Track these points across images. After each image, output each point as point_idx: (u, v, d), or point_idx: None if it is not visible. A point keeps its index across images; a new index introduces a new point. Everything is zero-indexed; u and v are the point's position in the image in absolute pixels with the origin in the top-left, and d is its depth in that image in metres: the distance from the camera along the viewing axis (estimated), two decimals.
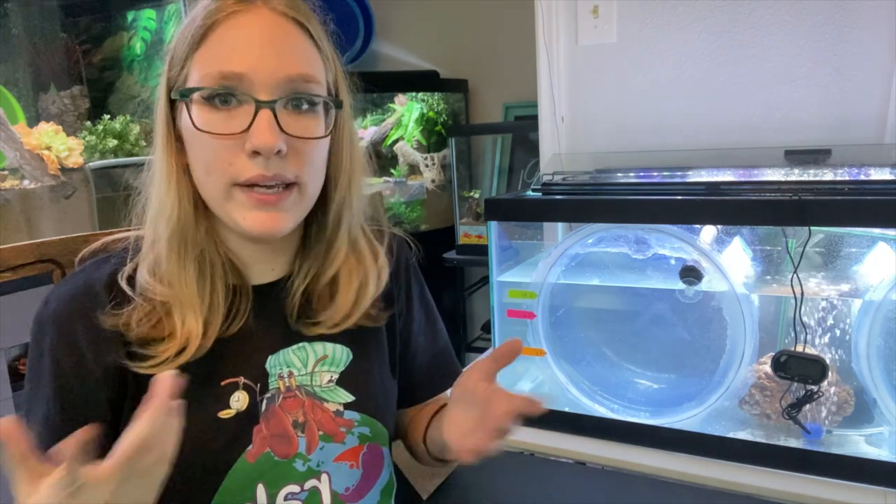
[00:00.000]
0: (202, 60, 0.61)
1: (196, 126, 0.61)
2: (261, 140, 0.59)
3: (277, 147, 0.60)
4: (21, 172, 1.56)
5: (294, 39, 0.63)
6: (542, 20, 1.53)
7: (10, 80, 1.84)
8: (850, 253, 1.05)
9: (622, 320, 1.27)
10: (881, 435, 1.02)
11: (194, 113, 0.62)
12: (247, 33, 0.61)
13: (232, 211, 0.63)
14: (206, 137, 0.61)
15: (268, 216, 0.63)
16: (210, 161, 0.62)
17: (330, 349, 0.73)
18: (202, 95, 0.61)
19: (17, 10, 1.88)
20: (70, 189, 1.60)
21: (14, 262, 0.77)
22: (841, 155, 1.26)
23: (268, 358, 0.70)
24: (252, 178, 0.61)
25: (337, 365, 0.73)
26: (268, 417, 0.68)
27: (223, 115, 0.61)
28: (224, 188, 0.62)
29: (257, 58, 0.60)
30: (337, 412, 0.72)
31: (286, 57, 0.62)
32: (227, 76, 0.60)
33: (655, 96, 1.47)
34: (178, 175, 0.65)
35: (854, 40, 1.28)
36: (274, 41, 0.61)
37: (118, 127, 1.87)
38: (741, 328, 1.04)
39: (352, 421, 0.72)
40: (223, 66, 0.60)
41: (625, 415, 1.14)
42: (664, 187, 1.15)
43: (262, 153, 0.60)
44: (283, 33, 0.62)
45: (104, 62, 2.16)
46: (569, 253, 1.19)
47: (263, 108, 0.60)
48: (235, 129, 0.60)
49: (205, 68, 0.61)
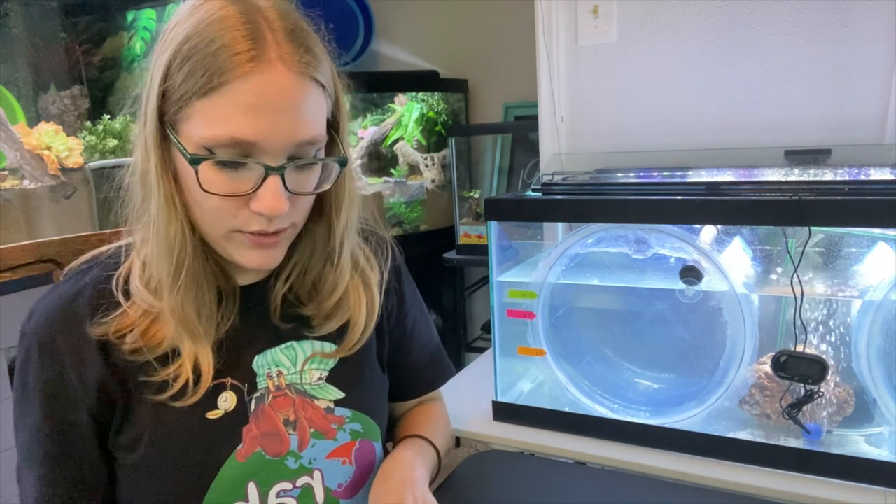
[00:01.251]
0: (211, 116, 0.59)
1: (202, 186, 0.60)
2: (268, 206, 0.60)
3: (285, 211, 0.62)
4: (21, 172, 1.56)
5: (306, 101, 0.61)
6: (542, 20, 1.53)
7: (10, 80, 1.84)
8: (850, 253, 1.05)
9: (622, 320, 1.27)
10: (881, 435, 1.02)
11: (201, 169, 0.60)
12: (261, 100, 0.58)
13: (230, 250, 0.65)
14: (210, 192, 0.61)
15: (265, 254, 0.65)
16: (213, 212, 0.63)
17: (318, 347, 0.75)
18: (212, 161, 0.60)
19: (17, 10, 1.88)
20: (70, 189, 1.60)
21: (14, 262, 0.77)
22: (841, 155, 1.26)
23: (255, 358, 0.71)
24: (256, 233, 0.63)
25: (326, 363, 0.75)
26: (258, 417, 0.69)
27: (230, 173, 0.61)
28: (224, 231, 0.64)
29: (271, 126, 0.59)
30: (328, 409, 0.73)
31: (298, 123, 0.61)
32: (239, 143, 0.59)
33: (655, 96, 1.47)
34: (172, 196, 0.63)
35: (854, 40, 1.28)
36: (287, 108, 0.59)
37: (118, 127, 1.87)
38: (741, 328, 1.04)
39: (343, 417, 0.73)
40: (235, 132, 0.58)
41: (625, 415, 1.14)
42: (664, 187, 1.15)
43: (268, 217, 0.62)
44: (297, 98, 0.60)
45: (104, 62, 2.16)
46: (569, 253, 1.19)
47: (273, 174, 0.60)
48: (242, 190, 0.61)
49: (213, 128, 0.58)
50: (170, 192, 0.63)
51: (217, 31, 0.58)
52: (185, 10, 0.62)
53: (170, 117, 0.61)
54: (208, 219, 0.64)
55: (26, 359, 0.66)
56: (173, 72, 0.60)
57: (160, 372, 0.65)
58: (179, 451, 0.66)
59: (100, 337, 0.65)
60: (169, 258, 0.64)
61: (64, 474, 0.65)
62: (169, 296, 0.64)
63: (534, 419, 1.17)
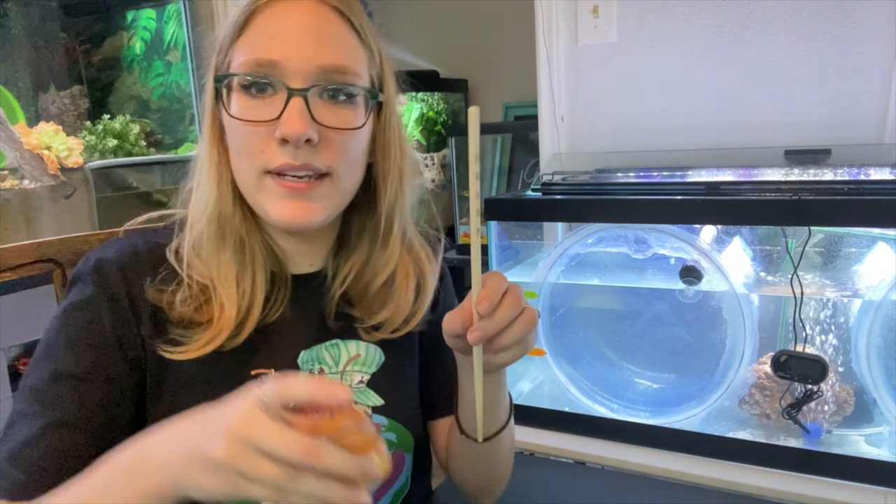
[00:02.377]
0: (242, 47, 0.61)
1: (230, 113, 0.61)
2: (289, 128, 0.58)
3: (306, 135, 0.59)
4: (21, 172, 1.56)
5: (334, 29, 0.62)
6: (542, 20, 1.53)
7: (10, 79, 1.84)
8: (850, 253, 1.05)
9: (622, 320, 1.27)
10: (881, 435, 1.02)
11: (232, 100, 0.62)
12: (285, 21, 0.60)
13: (262, 201, 0.62)
14: (240, 124, 0.61)
15: (298, 205, 0.61)
16: (242, 147, 0.62)
17: (363, 348, 0.71)
18: (239, 82, 0.61)
19: (17, 10, 1.88)
20: (70, 189, 1.60)
21: (14, 262, 0.77)
22: (841, 155, 1.26)
23: (301, 353, 0.68)
24: (280, 167, 0.60)
25: (369, 366, 0.71)
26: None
27: (258, 102, 0.60)
28: (255, 176, 0.61)
29: (293, 45, 0.59)
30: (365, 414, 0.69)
31: (323, 46, 0.60)
32: (262, 63, 0.59)
33: (655, 96, 1.47)
34: (220, 162, 0.64)
35: (854, 40, 1.28)
36: (311, 29, 0.60)
37: (118, 127, 1.87)
38: (741, 328, 1.04)
39: (379, 425, 0.70)
40: (259, 53, 0.60)
41: (625, 415, 1.14)
42: (664, 187, 1.15)
43: (290, 141, 0.59)
44: (324, 22, 0.61)
45: (104, 62, 2.16)
46: (569, 253, 1.19)
47: (295, 95, 0.59)
48: (267, 116, 0.59)
49: (242, 55, 0.61)
50: (215, 151, 0.64)
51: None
52: None
53: (218, 76, 0.63)
54: (241, 163, 0.62)
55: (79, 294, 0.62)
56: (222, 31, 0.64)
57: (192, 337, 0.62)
58: None
59: (156, 302, 0.62)
60: (210, 217, 0.64)
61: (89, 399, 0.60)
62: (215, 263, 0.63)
63: (534, 419, 1.17)
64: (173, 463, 0.45)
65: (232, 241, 0.64)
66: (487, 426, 0.67)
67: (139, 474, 0.46)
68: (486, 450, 0.70)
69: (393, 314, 0.70)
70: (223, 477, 0.42)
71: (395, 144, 0.68)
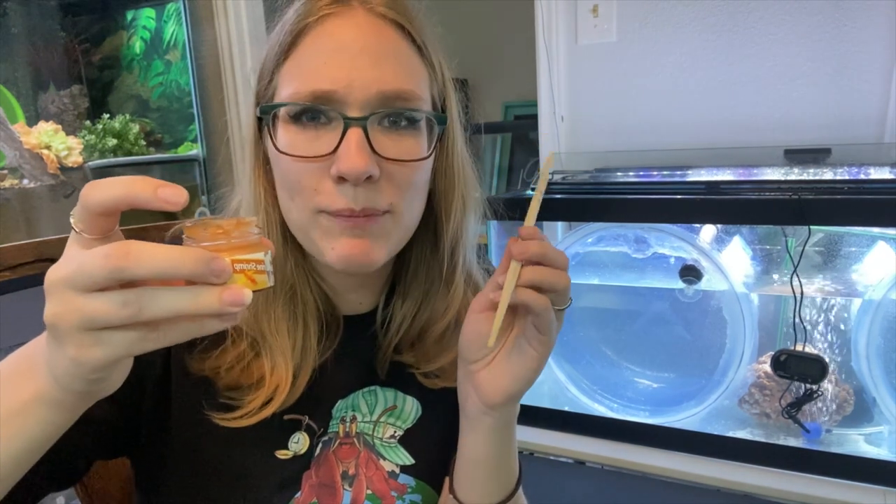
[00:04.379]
0: (290, 74, 0.54)
1: (277, 147, 0.53)
2: (348, 164, 0.50)
3: (368, 172, 0.51)
4: (20, 172, 1.56)
5: (393, 47, 0.54)
6: (542, 20, 1.53)
7: (9, 79, 1.83)
8: (850, 252, 1.05)
9: (622, 320, 1.27)
10: (881, 434, 1.02)
11: (279, 132, 0.54)
12: (339, 43, 0.52)
13: (317, 239, 0.54)
14: (290, 160, 0.53)
15: (357, 244, 0.53)
16: (293, 186, 0.54)
17: (401, 400, 0.65)
18: (287, 112, 0.53)
19: (17, 9, 1.88)
20: (69, 188, 1.60)
21: (13, 262, 0.77)
22: (841, 154, 1.26)
23: (337, 402, 0.63)
24: (340, 211, 0.52)
25: (404, 420, 0.65)
26: (319, 463, 0.61)
27: (310, 135, 0.52)
28: (309, 215, 0.54)
29: (349, 71, 0.52)
30: (392, 473, 0.63)
31: (382, 69, 0.53)
32: (318, 95, 0.52)
33: (655, 96, 1.47)
34: (266, 202, 0.57)
35: (854, 40, 1.28)
36: (369, 49, 0.53)
37: (118, 126, 1.87)
38: (741, 327, 1.04)
39: (406, 486, 0.64)
40: (311, 83, 0.52)
41: (624, 414, 1.14)
42: (664, 187, 1.15)
43: (349, 179, 0.51)
44: (381, 40, 0.54)
45: (104, 61, 2.16)
46: (569, 252, 1.19)
47: (353, 126, 0.51)
48: (321, 150, 0.52)
49: (292, 84, 0.53)
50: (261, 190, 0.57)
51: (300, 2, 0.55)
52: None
53: (264, 107, 0.56)
54: (291, 203, 0.55)
55: None
56: (266, 53, 0.57)
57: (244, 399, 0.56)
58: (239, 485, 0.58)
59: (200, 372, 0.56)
60: None
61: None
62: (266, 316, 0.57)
63: (534, 418, 1.17)
64: (45, 354, 0.37)
65: (283, 292, 0.58)
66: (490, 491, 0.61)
67: (24, 379, 0.39)
68: None
69: (451, 362, 0.62)
70: (69, 340, 0.35)
71: (458, 171, 0.60)
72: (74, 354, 0.35)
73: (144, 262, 0.33)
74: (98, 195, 0.34)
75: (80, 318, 0.34)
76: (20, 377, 0.39)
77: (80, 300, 0.33)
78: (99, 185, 0.34)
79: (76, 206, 0.35)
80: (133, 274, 0.33)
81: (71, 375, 0.36)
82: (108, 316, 0.33)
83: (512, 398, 0.55)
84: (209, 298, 0.34)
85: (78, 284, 0.33)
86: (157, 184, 0.34)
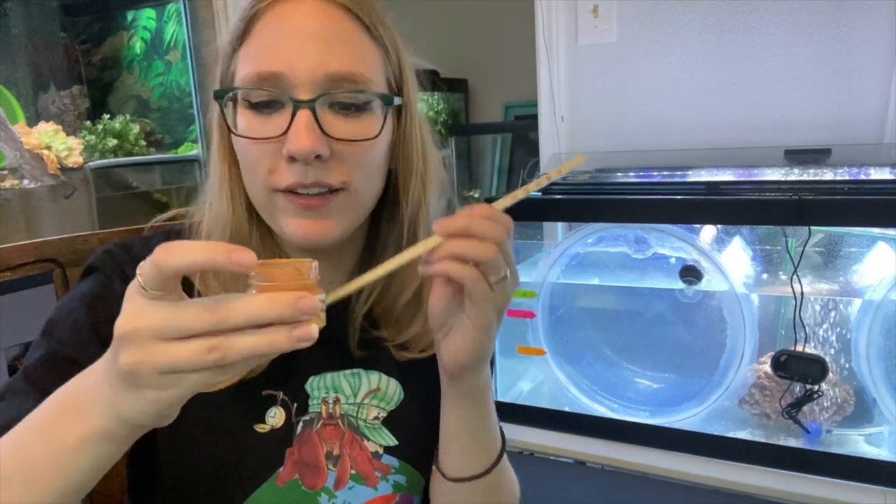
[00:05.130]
0: (244, 58, 0.57)
1: (234, 130, 0.57)
2: (297, 144, 0.53)
3: (315, 152, 0.54)
4: (21, 172, 1.56)
5: (342, 30, 0.57)
6: (542, 20, 1.53)
7: (10, 79, 1.84)
8: (850, 253, 1.05)
9: (622, 320, 1.27)
10: (881, 434, 1.02)
11: (237, 116, 0.57)
12: (288, 25, 0.55)
13: (276, 217, 0.58)
14: (246, 142, 0.57)
15: (312, 223, 0.57)
16: (250, 166, 0.58)
17: (384, 383, 0.67)
18: (242, 96, 0.56)
19: (17, 9, 1.88)
20: (70, 189, 1.60)
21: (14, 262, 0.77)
22: (841, 155, 1.26)
23: (309, 378, 0.64)
24: (290, 186, 0.55)
25: (387, 402, 0.67)
26: (302, 442, 0.63)
27: (263, 118, 0.56)
28: (266, 194, 0.58)
29: (297, 53, 0.54)
30: (375, 454, 0.65)
31: (331, 52, 0.55)
32: (264, 76, 0.55)
33: (655, 96, 1.47)
34: (232, 180, 0.61)
35: (854, 40, 1.28)
36: (317, 33, 0.55)
37: (118, 126, 1.87)
38: (741, 327, 1.04)
39: (389, 467, 0.66)
40: (260, 65, 0.55)
41: (625, 414, 1.14)
42: (664, 187, 1.15)
43: (299, 159, 0.54)
44: (330, 23, 0.56)
45: (104, 62, 2.16)
46: (569, 252, 1.19)
47: (302, 108, 0.54)
48: (273, 132, 0.55)
49: (245, 67, 0.56)
50: (226, 168, 0.61)
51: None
52: None
53: (217, 91, 0.59)
54: (251, 182, 0.59)
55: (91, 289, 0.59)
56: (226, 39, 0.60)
57: None
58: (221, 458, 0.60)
59: None
60: (226, 238, 0.60)
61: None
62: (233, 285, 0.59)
63: (534, 419, 1.17)
64: (105, 395, 0.40)
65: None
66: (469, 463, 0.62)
67: (72, 417, 0.41)
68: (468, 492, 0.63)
69: (423, 329, 0.65)
70: (149, 384, 0.38)
71: (416, 149, 0.63)
72: (154, 396, 0.38)
73: (242, 313, 0.37)
74: (176, 262, 0.37)
75: (167, 365, 0.37)
76: (66, 417, 0.41)
77: (165, 348, 0.36)
78: (175, 250, 0.37)
79: (147, 264, 0.38)
80: (233, 325, 0.37)
81: (144, 413, 0.39)
82: (193, 361, 0.36)
83: (464, 369, 0.56)
84: (282, 338, 0.38)
85: (168, 335, 0.36)
86: (230, 249, 0.37)
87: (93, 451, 0.41)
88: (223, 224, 0.61)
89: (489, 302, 0.51)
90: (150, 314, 0.37)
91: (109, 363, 0.40)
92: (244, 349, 0.37)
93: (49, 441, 0.41)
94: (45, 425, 0.42)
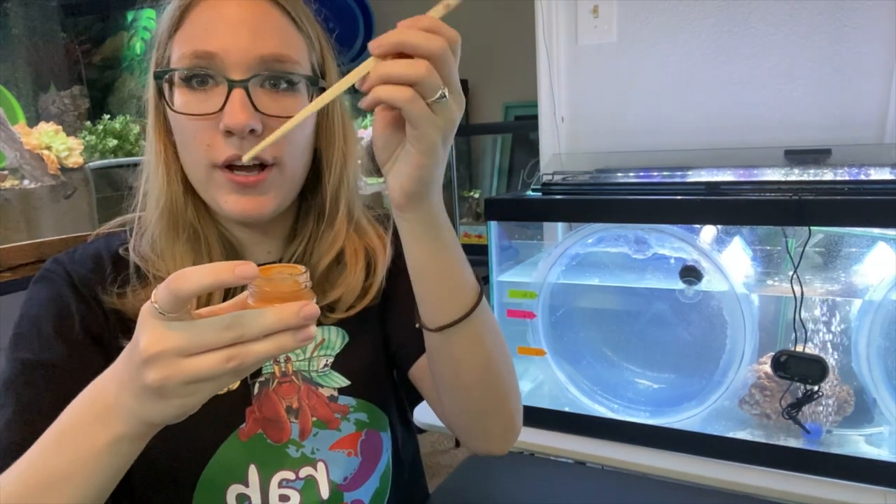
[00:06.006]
0: (180, 42, 0.62)
1: (173, 108, 0.62)
2: (232, 119, 0.59)
3: (250, 126, 0.59)
4: (21, 172, 1.56)
5: (270, 19, 0.63)
6: (542, 20, 1.53)
7: (9, 79, 1.84)
8: (850, 253, 1.05)
9: (622, 320, 1.27)
10: (881, 435, 1.02)
11: (175, 95, 0.62)
12: (221, 13, 0.61)
13: (213, 194, 0.63)
14: (184, 119, 0.61)
15: (248, 199, 0.63)
16: (188, 142, 0.62)
17: (327, 333, 0.72)
18: (179, 76, 0.62)
19: (17, 10, 1.88)
20: (70, 189, 1.60)
21: (14, 262, 0.77)
22: (841, 155, 1.26)
23: None
24: (227, 159, 0.61)
25: (332, 349, 0.72)
26: (261, 401, 0.68)
27: (200, 95, 0.61)
28: (204, 170, 0.62)
29: (230, 37, 0.60)
30: (331, 397, 0.71)
31: (261, 36, 0.61)
32: (200, 55, 0.60)
33: (655, 96, 1.47)
34: (167, 157, 0.65)
35: (854, 40, 1.28)
36: (248, 21, 0.61)
37: (118, 127, 1.87)
38: (741, 328, 1.04)
39: (347, 406, 0.71)
40: (196, 45, 0.60)
41: (625, 415, 1.14)
42: (664, 187, 1.15)
43: (234, 133, 0.60)
44: (259, 12, 0.62)
45: (104, 62, 2.16)
46: (569, 253, 1.19)
47: (236, 87, 0.60)
48: (210, 109, 0.60)
49: (181, 49, 0.62)
50: (161, 146, 0.65)
51: None
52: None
53: (157, 72, 0.64)
54: (189, 158, 0.63)
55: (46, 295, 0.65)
56: (159, 26, 0.65)
57: None
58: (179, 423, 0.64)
59: (112, 305, 0.64)
60: (162, 211, 0.65)
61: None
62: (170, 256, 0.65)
63: (534, 419, 1.17)
64: (128, 404, 0.45)
65: (185, 234, 0.66)
66: (445, 309, 0.61)
67: (96, 427, 0.46)
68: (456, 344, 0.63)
69: (344, 293, 0.70)
70: (175, 394, 0.43)
71: (338, 129, 0.69)
72: (180, 403, 0.43)
73: (256, 328, 0.42)
74: (190, 286, 0.41)
75: (192, 377, 0.42)
76: (90, 427, 0.46)
77: (189, 362, 0.41)
78: (187, 277, 0.41)
79: (161, 291, 0.42)
80: (249, 339, 0.42)
81: (169, 417, 0.45)
82: (215, 370, 0.42)
83: (410, 197, 0.56)
84: (288, 342, 0.43)
85: (191, 352, 0.41)
86: (233, 266, 0.41)
87: (117, 451, 0.46)
88: (158, 196, 0.65)
89: (429, 122, 0.50)
90: (173, 337, 0.41)
91: (131, 379, 0.44)
92: (258, 355, 0.42)
93: (74, 451, 0.46)
94: (68, 439, 0.47)
